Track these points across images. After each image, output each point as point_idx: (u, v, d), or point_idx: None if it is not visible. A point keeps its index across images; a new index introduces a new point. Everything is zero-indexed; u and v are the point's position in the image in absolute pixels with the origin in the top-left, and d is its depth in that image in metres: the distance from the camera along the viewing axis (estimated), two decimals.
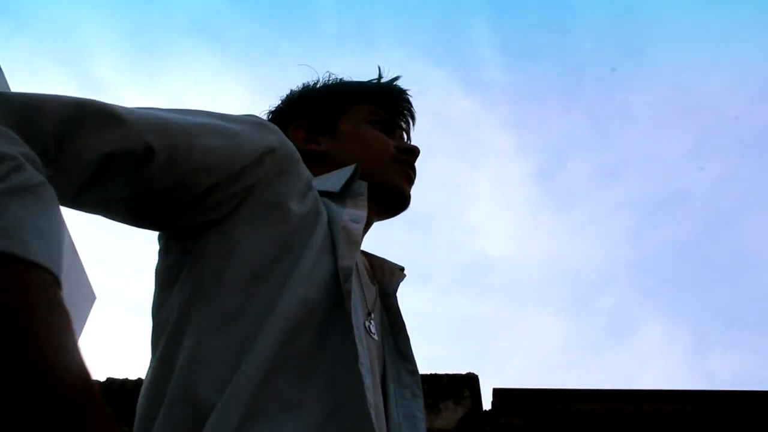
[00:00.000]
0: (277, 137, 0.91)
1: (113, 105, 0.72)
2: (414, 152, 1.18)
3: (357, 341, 0.80)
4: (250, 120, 0.90)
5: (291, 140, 1.02)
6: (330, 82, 1.23)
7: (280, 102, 1.24)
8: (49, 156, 0.65)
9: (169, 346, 0.81)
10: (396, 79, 1.25)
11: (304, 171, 0.94)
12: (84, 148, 0.70)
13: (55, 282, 0.56)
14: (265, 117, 1.22)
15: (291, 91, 1.24)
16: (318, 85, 1.23)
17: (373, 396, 0.82)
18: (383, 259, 1.10)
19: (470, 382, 2.66)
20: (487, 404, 2.69)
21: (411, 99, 1.25)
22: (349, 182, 1.02)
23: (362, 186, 1.02)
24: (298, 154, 0.93)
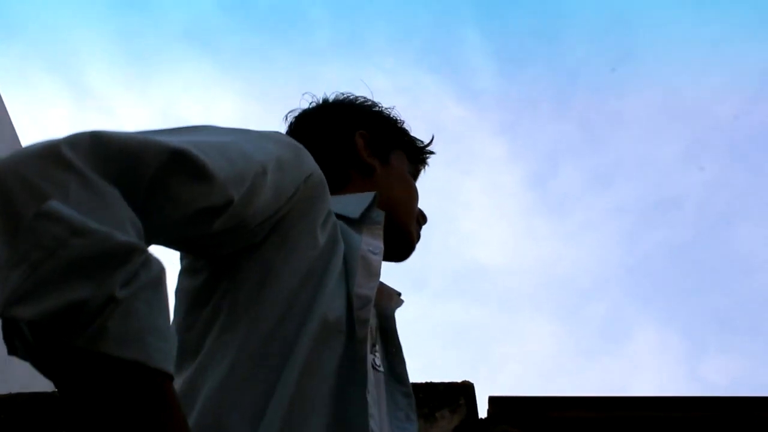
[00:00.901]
0: (312, 162, 0.91)
1: (204, 157, 0.71)
2: (425, 220, 1.24)
3: (368, 372, 0.83)
4: (290, 144, 0.90)
5: (355, 145, 1.14)
6: (391, 113, 1.27)
7: (335, 97, 1.25)
8: (136, 202, 0.65)
9: (198, 371, 0.81)
10: (431, 141, 1.31)
11: (329, 196, 0.95)
12: (175, 201, 0.69)
13: (171, 382, 0.60)
14: (311, 105, 1.25)
15: (346, 94, 1.26)
16: (378, 107, 1.26)
17: (378, 426, 0.84)
18: (382, 283, 1.10)
19: (466, 390, 2.66)
20: (482, 412, 2.68)
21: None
22: (368, 209, 1.04)
23: (380, 215, 1.04)
24: (325, 179, 0.94)
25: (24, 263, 0.55)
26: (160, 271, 0.61)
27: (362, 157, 1.15)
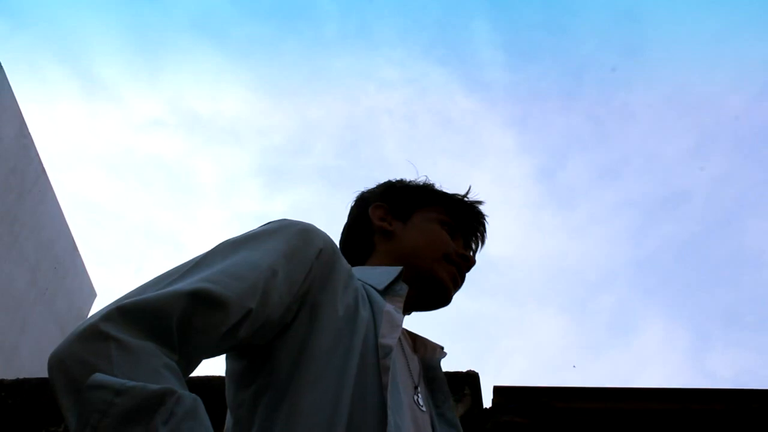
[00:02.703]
0: (321, 238, 1.04)
1: (215, 288, 0.86)
2: (468, 260, 1.29)
3: (390, 414, 0.90)
4: (296, 231, 1.02)
5: (369, 215, 1.30)
6: (423, 182, 1.39)
7: (376, 185, 1.41)
8: (173, 344, 0.81)
9: None
10: (480, 203, 1.39)
11: (344, 261, 1.07)
12: (203, 332, 0.84)
13: None
14: (357, 195, 1.41)
15: (389, 180, 1.41)
16: (412, 182, 1.40)
17: None
18: (425, 338, 1.22)
19: (471, 379, 2.66)
20: (487, 402, 2.69)
21: (487, 224, 1.40)
22: (394, 282, 1.14)
23: (404, 288, 1.14)
24: (337, 247, 1.07)
25: (87, 427, 0.71)
26: (193, 402, 0.74)
27: (376, 224, 1.30)
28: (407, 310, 1.22)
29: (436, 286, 1.24)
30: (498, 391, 2.78)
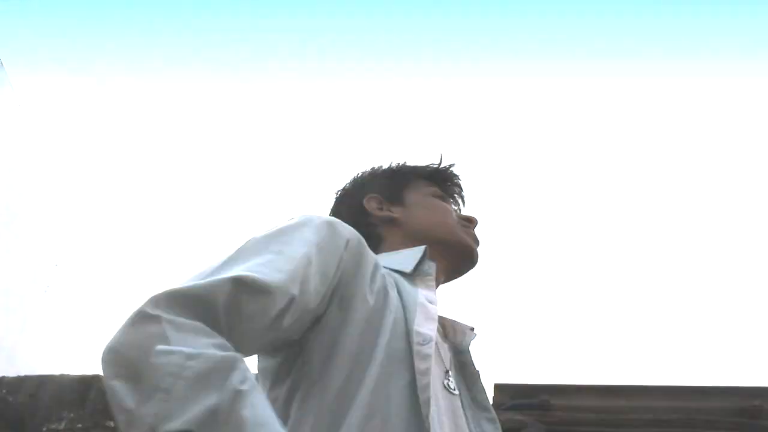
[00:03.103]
0: (347, 229, 1.05)
1: (259, 276, 0.86)
2: (473, 221, 1.35)
3: (432, 398, 0.92)
4: (323, 223, 1.03)
5: (366, 209, 1.31)
6: (392, 164, 1.43)
7: (347, 183, 1.44)
8: (221, 329, 0.80)
9: None
10: (451, 165, 1.43)
11: (370, 252, 1.08)
12: (251, 317, 0.84)
13: None
14: (334, 197, 1.44)
15: (357, 173, 1.44)
16: (382, 167, 1.43)
17: None
18: (454, 321, 1.22)
19: None
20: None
21: (462, 184, 1.44)
22: (420, 262, 1.16)
23: (432, 267, 1.17)
24: (362, 238, 1.07)
25: (158, 392, 0.70)
26: (254, 377, 0.76)
27: (378, 215, 1.32)
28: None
29: (464, 252, 1.30)
30: (498, 388, 2.79)
